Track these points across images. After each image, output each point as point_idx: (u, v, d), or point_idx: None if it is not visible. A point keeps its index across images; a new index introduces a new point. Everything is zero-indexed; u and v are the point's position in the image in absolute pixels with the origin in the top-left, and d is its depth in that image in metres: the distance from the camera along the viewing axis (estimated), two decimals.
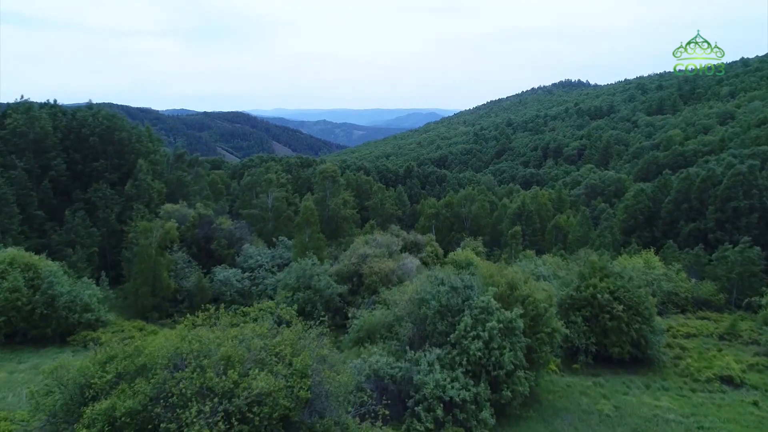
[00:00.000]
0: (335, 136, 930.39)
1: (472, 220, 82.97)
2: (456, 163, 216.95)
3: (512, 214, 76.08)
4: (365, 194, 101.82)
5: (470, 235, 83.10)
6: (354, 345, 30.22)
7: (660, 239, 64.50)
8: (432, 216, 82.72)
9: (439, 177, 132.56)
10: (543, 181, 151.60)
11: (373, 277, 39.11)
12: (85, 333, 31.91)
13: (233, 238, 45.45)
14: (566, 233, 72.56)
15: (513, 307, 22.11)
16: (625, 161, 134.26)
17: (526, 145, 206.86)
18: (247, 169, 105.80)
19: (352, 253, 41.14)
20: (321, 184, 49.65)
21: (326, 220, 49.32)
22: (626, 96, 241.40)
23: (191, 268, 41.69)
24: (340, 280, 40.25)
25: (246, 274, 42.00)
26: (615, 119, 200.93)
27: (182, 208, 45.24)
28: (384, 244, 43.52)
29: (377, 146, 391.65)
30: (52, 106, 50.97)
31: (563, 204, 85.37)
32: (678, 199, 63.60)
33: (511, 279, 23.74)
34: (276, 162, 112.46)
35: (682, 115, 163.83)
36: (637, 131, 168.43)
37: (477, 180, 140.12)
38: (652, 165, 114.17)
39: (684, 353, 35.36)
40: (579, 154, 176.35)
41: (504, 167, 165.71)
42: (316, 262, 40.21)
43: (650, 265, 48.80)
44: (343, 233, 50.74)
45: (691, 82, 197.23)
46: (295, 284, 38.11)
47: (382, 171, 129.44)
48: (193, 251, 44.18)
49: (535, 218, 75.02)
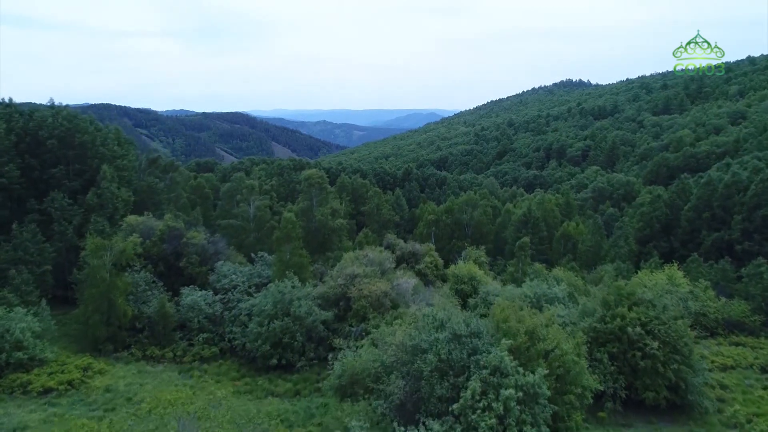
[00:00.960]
0: (335, 137, 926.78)
1: (474, 227, 77.74)
2: (456, 164, 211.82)
3: (517, 221, 70.82)
4: (361, 199, 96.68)
5: (472, 243, 77.90)
6: (335, 392, 25.07)
7: (679, 250, 59.26)
8: (431, 223, 77.51)
9: (438, 180, 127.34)
10: (547, 183, 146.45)
11: (363, 302, 33.91)
12: (15, 376, 26.66)
13: (206, 254, 40.20)
14: (575, 242, 67.29)
15: (534, 365, 16.92)
16: (632, 163, 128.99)
17: (528, 145, 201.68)
18: (235, 173, 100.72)
19: (339, 272, 35.91)
20: (307, 192, 44.41)
21: (312, 232, 44.10)
22: (630, 95, 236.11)
23: (155, 290, 36.43)
24: (324, 304, 35.02)
25: (218, 297, 36.76)
26: (620, 119, 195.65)
27: (148, 220, 39.95)
28: (376, 261, 38.28)
29: (376, 147, 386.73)
30: (7, 105, 45.67)
31: (571, 210, 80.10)
32: (699, 207, 58.31)
33: (530, 326, 18.50)
34: (268, 164, 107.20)
35: (690, 114, 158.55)
36: (644, 131, 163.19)
37: (478, 183, 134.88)
38: (663, 167, 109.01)
39: (726, 393, 30.16)
40: (583, 156, 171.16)
41: (506, 169, 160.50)
42: (297, 284, 35.01)
43: (674, 281, 43.54)
44: (332, 247, 45.50)
45: (698, 81, 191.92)
46: (272, 310, 32.87)
47: (379, 174, 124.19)
48: (159, 270, 38.95)
49: (542, 226, 69.76)
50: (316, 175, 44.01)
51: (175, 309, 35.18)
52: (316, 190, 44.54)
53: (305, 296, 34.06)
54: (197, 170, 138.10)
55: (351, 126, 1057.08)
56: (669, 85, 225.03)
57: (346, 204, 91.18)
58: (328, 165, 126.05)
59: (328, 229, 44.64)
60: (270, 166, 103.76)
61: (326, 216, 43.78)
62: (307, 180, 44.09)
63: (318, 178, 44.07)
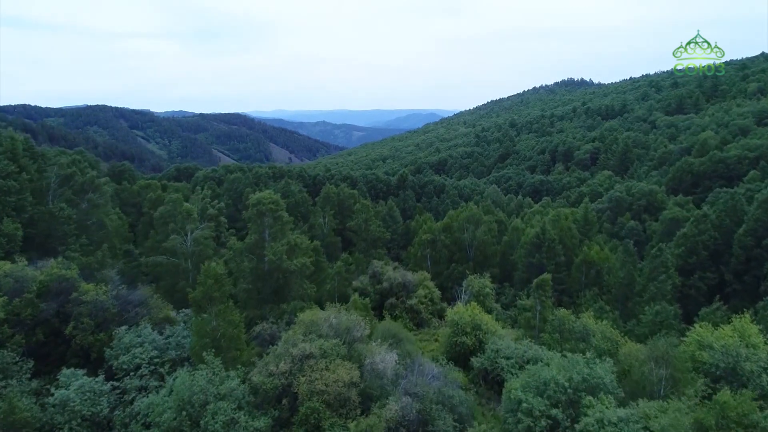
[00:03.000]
0: (334, 137, 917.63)
1: (477, 248, 66.20)
2: (456, 167, 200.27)
3: (528, 242, 59.22)
4: (348, 211, 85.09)
5: (475, 267, 66.41)
6: None
7: (732, 283, 47.83)
8: (427, 243, 65.94)
9: (437, 187, 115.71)
10: (554, 189, 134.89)
11: (315, 401, 22.45)
12: None
13: (106, 315, 28.72)
14: (599, 269, 55.69)
15: None
16: (649, 168, 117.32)
17: (533, 147, 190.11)
18: (206, 182, 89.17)
19: (284, 352, 24.40)
20: (256, 223, 32.88)
21: (262, 276, 32.68)
22: (639, 94, 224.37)
23: (14, 377, 24.88)
24: (259, 402, 23.57)
25: (110, 385, 25.24)
26: (629, 119, 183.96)
27: (20, 270, 28.46)
28: (341, 328, 26.71)
29: (374, 148, 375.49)
30: None
31: (590, 227, 68.50)
32: (758, 230, 46.79)
33: None
34: (245, 172, 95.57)
35: (707, 114, 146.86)
36: (657, 132, 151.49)
37: (480, 190, 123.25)
38: (686, 174, 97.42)
39: None
40: (592, 159, 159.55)
41: (509, 174, 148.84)
42: (220, 371, 23.54)
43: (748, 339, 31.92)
44: (289, 295, 34.01)
45: (712, 79, 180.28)
46: (173, 420, 21.41)
47: (371, 181, 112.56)
48: (36, 340, 27.47)
49: (559, 249, 58.18)
50: (268, 200, 32.51)
51: (40, 410, 23.68)
52: (269, 219, 33.04)
53: (228, 394, 22.56)
54: (176, 176, 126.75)
55: (351, 126, 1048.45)
56: (680, 83, 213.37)
57: (329, 219, 79.78)
58: (314, 172, 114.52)
59: (284, 272, 33.12)
60: (245, 174, 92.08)
61: (280, 254, 32.31)
62: (256, 206, 32.57)
63: (271, 203, 32.53)
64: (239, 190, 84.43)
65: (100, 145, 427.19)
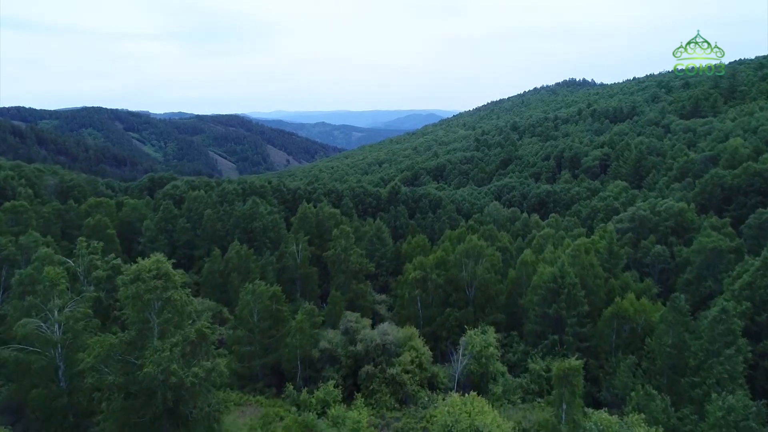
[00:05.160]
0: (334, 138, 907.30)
1: (478, 289, 54.09)
2: (455, 174, 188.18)
3: (543, 288, 46.98)
4: (329, 233, 72.88)
5: (475, 312, 54.35)
6: None
7: None
8: (417, 283, 53.85)
9: (432, 201, 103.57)
10: (562, 200, 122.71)
11: None
12: None
13: None
14: (634, 327, 43.54)
15: None
16: (669, 179, 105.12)
17: (536, 153, 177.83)
18: (163, 201, 76.89)
19: None
20: (136, 309, 20.57)
21: (141, 394, 20.63)
22: (648, 95, 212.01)
23: None
24: None
25: None
26: (640, 123, 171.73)
27: None
28: None
29: (371, 151, 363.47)
30: None
31: (617, 261, 56.36)
32: None
33: None
34: (209, 189, 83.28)
35: (728, 117, 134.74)
36: (673, 138, 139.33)
37: (480, 203, 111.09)
38: (717, 188, 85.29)
39: None
40: (602, 166, 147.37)
41: (513, 183, 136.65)
42: None
43: None
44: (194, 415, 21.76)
45: (730, 79, 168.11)
46: None
47: (358, 195, 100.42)
48: None
49: (581, 297, 45.98)
50: (153, 272, 20.48)
51: None
52: (157, 303, 20.90)
53: None
54: (149, 188, 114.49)
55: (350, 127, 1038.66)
56: (691, 83, 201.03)
57: (304, 246, 67.64)
58: (295, 185, 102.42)
59: (175, 389, 21.00)
60: (209, 193, 79.70)
61: (167, 363, 20.25)
62: (133, 284, 20.47)
63: (156, 278, 20.41)
64: (200, 211, 72.29)
65: (91, 149, 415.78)
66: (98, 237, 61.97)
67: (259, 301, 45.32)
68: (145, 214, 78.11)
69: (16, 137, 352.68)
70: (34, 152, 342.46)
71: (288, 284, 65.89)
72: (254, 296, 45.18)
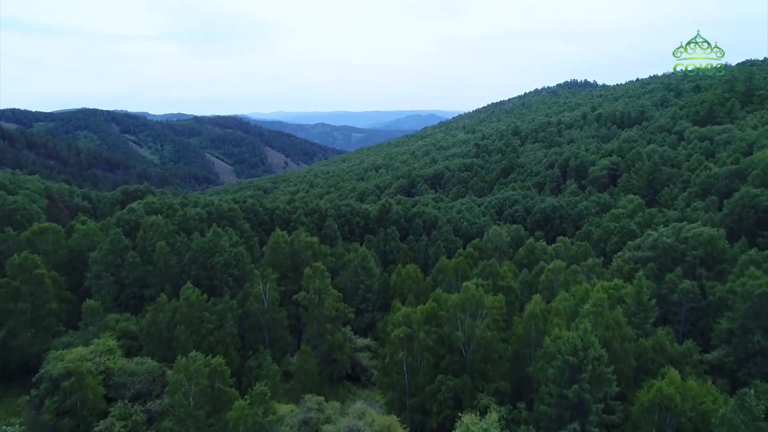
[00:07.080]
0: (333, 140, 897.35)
1: (477, 351, 43.90)
2: (454, 182, 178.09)
3: (561, 361, 36.79)
4: (305, 266, 62.80)
5: (473, 380, 44.27)
6: None
7: None
8: (402, 343, 43.70)
9: (427, 221, 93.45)
10: (569, 216, 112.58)
11: None
12: None
13: None
14: (679, 418, 33.47)
15: None
16: (689, 195, 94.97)
17: (540, 161, 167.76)
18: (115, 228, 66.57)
19: None
20: None
21: None
22: (656, 98, 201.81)
23: None
24: None
25: None
26: (650, 129, 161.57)
27: None
28: None
29: (369, 155, 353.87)
30: None
31: (647, 314, 46.20)
32: None
33: None
34: (170, 213, 73.01)
35: (748, 125, 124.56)
36: (688, 147, 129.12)
37: (480, 223, 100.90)
38: (748, 209, 75.25)
39: None
40: (611, 177, 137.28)
41: (515, 196, 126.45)
42: None
43: None
44: None
45: (746, 82, 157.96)
46: None
47: (345, 215, 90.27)
48: None
49: (608, 372, 35.85)
50: None
51: None
52: None
53: None
54: (123, 201, 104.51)
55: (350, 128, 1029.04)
56: (702, 86, 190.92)
57: (272, 285, 57.58)
58: (273, 205, 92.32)
59: None
60: (170, 219, 69.33)
61: None
62: None
63: None
64: (155, 241, 62.14)
65: (83, 152, 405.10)
66: (24, 279, 52.11)
67: (195, 380, 35.33)
68: (99, 240, 68.07)
69: (5, 141, 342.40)
70: (23, 157, 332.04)
71: (253, 331, 55.97)
72: (188, 374, 35.19)
